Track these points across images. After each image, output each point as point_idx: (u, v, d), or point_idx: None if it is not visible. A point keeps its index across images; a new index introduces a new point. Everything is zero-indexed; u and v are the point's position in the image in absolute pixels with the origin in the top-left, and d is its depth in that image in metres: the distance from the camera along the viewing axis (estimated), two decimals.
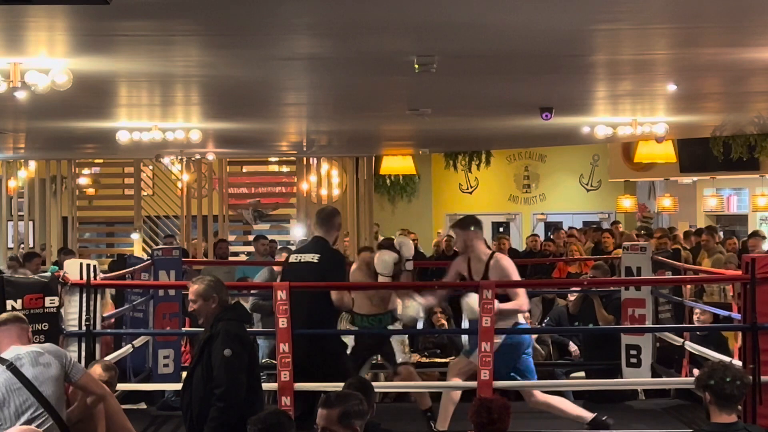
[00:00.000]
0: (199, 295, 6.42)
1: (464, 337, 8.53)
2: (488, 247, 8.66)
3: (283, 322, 7.55)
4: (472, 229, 8.31)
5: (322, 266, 7.88)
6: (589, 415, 8.15)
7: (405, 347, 9.02)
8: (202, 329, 6.57)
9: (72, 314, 7.63)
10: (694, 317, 9.91)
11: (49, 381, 5.48)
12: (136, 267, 9.72)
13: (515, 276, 8.23)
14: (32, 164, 20.59)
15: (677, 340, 9.53)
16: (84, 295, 7.60)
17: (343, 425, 4.67)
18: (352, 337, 8.69)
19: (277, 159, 22.24)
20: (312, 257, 7.96)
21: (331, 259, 7.99)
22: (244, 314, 6.71)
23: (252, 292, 11.09)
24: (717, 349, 9.01)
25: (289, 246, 14.92)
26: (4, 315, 5.98)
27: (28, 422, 5.37)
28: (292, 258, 8.21)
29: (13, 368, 5.47)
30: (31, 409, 5.41)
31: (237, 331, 6.35)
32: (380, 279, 8.59)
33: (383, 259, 8.55)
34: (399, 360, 8.68)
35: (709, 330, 9.81)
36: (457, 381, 8.18)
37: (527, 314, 8.13)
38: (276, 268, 11.70)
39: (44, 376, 5.48)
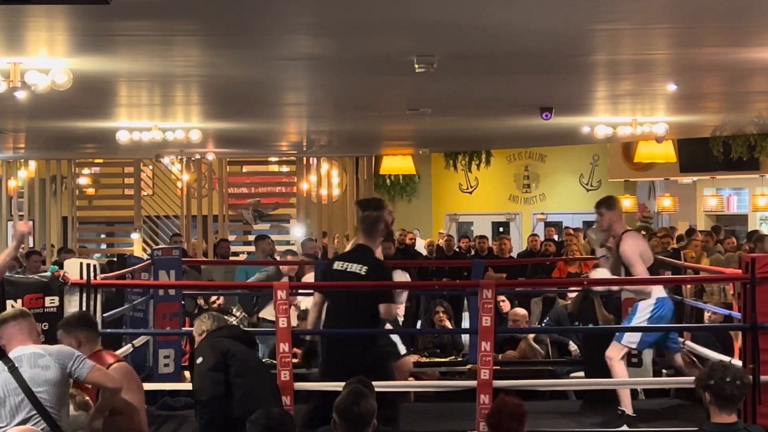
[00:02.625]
0: (195, 332, 6.75)
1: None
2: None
3: (283, 322, 7.55)
4: (616, 209, 8.66)
5: (369, 279, 7.65)
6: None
7: None
8: None
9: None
10: (706, 316, 9.93)
11: (46, 383, 5.48)
12: (136, 267, 9.72)
13: (629, 253, 8.41)
14: (32, 164, 20.60)
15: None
16: (84, 295, 7.59)
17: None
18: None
19: (277, 159, 22.24)
20: (359, 268, 7.68)
21: (378, 271, 7.74)
22: (233, 332, 6.87)
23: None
24: (724, 349, 8.99)
25: (290, 247, 14.95)
26: (15, 310, 5.99)
27: (22, 422, 5.38)
28: (337, 265, 7.91)
29: (12, 369, 5.50)
30: (24, 410, 5.43)
31: (210, 342, 6.54)
32: None
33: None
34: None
35: (710, 330, 9.80)
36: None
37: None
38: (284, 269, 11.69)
39: (41, 378, 5.48)
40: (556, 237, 19.21)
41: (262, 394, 6.63)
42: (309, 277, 11.10)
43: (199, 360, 6.49)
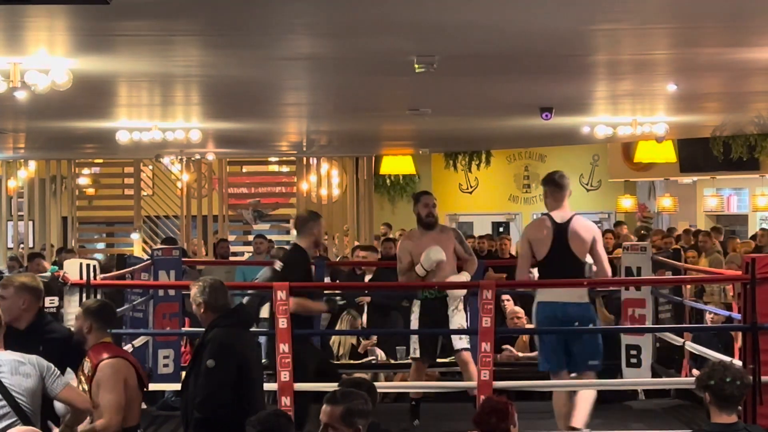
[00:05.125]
0: (192, 300, 6.30)
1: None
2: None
3: (282, 322, 7.54)
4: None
5: (284, 274, 8.01)
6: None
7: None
8: (203, 329, 6.38)
9: (72, 314, 7.62)
10: (707, 317, 9.92)
11: (27, 392, 5.39)
12: (136, 267, 9.72)
13: None
14: (32, 164, 20.60)
15: (677, 340, 9.53)
16: (84, 295, 7.59)
17: (346, 423, 4.68)
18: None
19: (277, 159, 22.24)
20: (279, 266, 8.10)
21: (286, 266, 8.06)
22: (243, 319, 6.43)
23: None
24: (725, 349, 8.99)
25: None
26: None
27: (4, 430, 5.32)
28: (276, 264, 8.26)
29: None
30: (7, 419, 5.34)
31: (227, 340, 6.10)
32: (419, 269, 8.47)
33: (427, 253, 8.45)
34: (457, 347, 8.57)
35: (710, 330, 9.81)
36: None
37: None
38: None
39: (22, 386, 5.37)
40: None
41: (261, 405, 6.47)
42: None
43: (210, 363, 6.03)
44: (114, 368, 5.89)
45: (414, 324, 8.61)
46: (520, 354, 10.50)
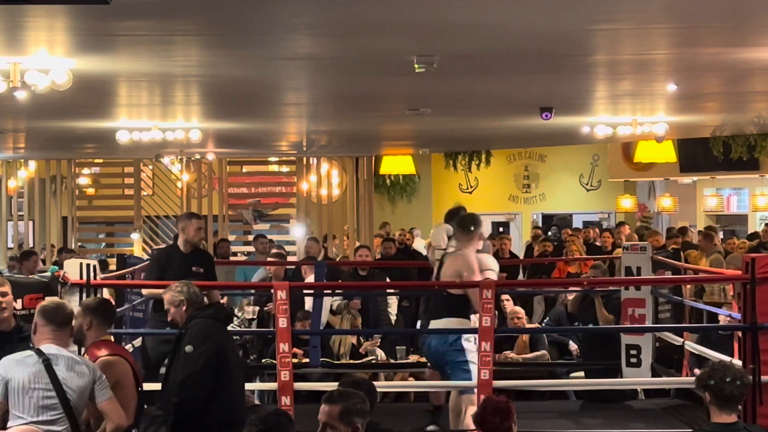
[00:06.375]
0: (170, 303, 6.57)
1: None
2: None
3: (282, 322, 7.54)
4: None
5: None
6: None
7: None
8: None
9: None
10: (721, 318, 9.88)
11: (77, 389, 5.51)
12: (136, 267, 9.72)
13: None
14: (32, 164, 20.59)
15: (677, 340, 9.53)
16: (84, 295, 7.59)
17: (344, 422, 4.70)
18: None
19: (277, 159, 22.24)
20: None
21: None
22: (220, 313, 6.72)
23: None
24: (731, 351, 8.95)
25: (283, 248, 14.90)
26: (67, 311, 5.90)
27: (50, 422, 5.39)
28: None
29: (47, 364, 5.48)
30: (54, 409, 5.43)
31: (204, 328, 6.38)
32: (434, 251, 8.49)
33: (437, 232, 8.47)
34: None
35: (710, 330, 9.80)
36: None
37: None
38: (270, 269, 11.70)
39: (74, 382, 5.50)
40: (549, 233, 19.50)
41: (240, 397, 6.58)
42: (310, 278, 11.13)
43: (189, 348, 6.30)
44: (106, 366, 5.92)
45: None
46: (514, 355, 10.50)
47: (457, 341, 7.92)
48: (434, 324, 8.08)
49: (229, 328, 7.37)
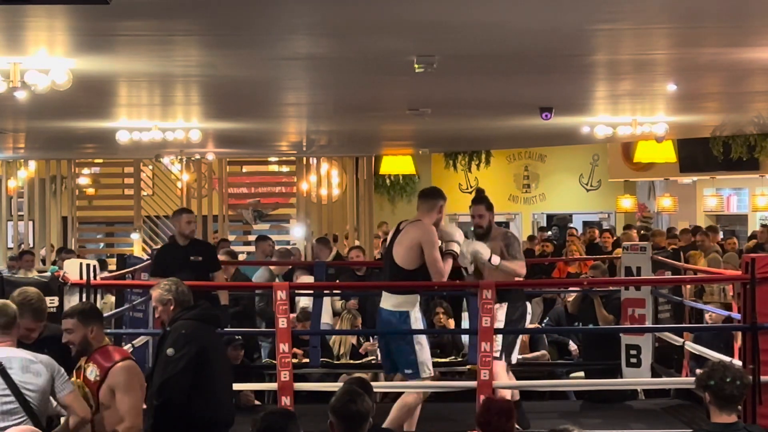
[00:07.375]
0: (158, 301, 6.43)
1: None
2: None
3: (282, 322, 7.55)
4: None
5: None
6: None
7: None
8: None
9: None
10: (707, 316, 9.92)
11: (37, 390, 5.37)
12: (136, 267, 9.73)
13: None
14: (32, 164, 20.59)
15: (677, 340, 9.53)
16: (84, 295, 7.60)
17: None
18: None
19: (277, 159, 22.24)
20: None
21: None
22: (206, 315, 6.53)
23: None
24: (726, 349, 8.98)
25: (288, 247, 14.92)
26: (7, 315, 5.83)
27: (10, 426, 5.30)
28: None
29: (1, 369, 5.35)
30: (15, 415, 5.32)
31: (188, 330, 6.26)
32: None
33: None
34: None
35: (709, 330, 9.81)
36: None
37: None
38: (273, 268, 11.71)
39: (32, 384, 5.36)
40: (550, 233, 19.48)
41: (226, 397, 6.51)
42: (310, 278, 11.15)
43: (170, 351, 6.19)
44: (130, 371, 5.85)
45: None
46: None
47: (406, 319, 7.88)
48: (385, 296, 8.01)
49: None
